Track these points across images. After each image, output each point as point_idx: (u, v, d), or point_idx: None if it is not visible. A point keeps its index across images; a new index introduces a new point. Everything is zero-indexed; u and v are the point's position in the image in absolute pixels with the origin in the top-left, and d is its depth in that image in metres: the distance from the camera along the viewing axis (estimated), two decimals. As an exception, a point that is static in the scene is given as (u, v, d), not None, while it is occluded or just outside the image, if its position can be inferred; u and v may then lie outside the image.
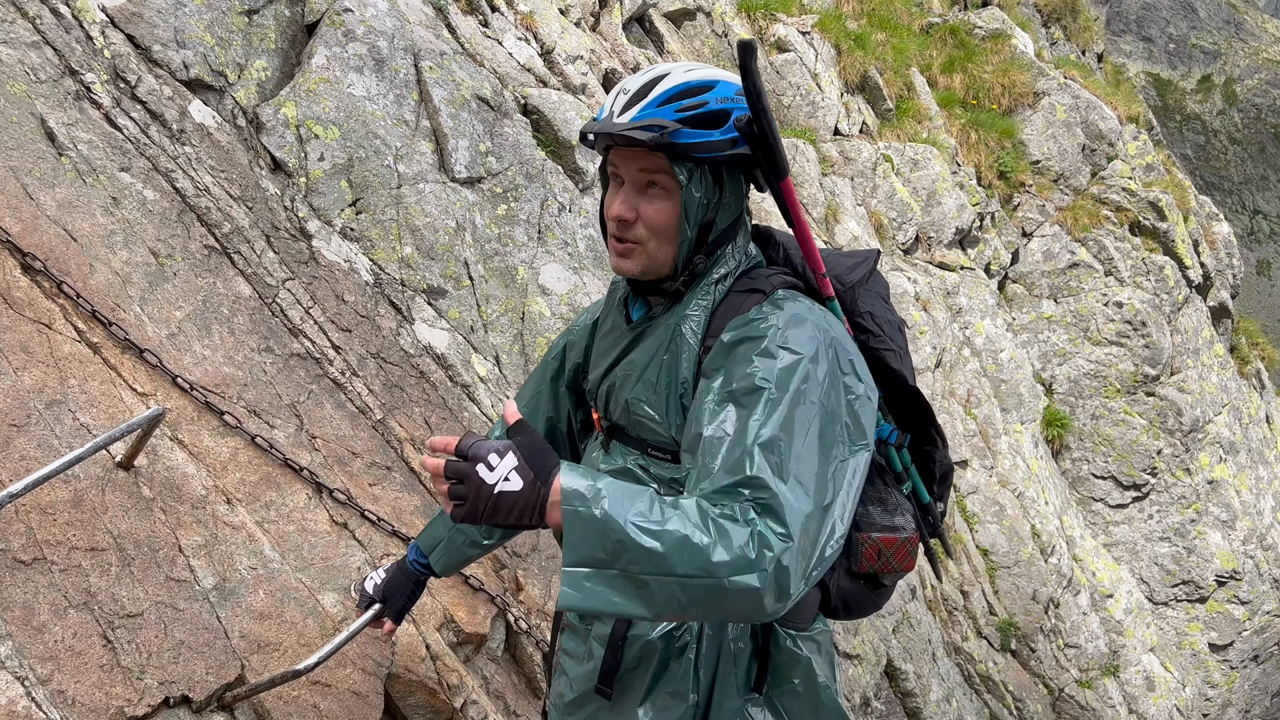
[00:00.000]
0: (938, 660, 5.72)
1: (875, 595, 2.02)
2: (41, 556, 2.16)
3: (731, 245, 1.81)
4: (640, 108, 1.69)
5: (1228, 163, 36.63)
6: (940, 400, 6.98)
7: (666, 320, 1.81)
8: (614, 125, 1.68)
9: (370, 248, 3.65)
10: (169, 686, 2.18)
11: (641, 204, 1.74)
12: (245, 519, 2.64)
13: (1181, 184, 9.91)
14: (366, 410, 3.23)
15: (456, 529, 2.25)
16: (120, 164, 3.08)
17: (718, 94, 1.70)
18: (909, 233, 7.68)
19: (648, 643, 1.83)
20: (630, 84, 1.73)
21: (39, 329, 2.54)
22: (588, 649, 1.93)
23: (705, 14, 7.47)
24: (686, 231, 1.74)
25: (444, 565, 2.30)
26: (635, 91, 1.70)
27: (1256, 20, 39.33)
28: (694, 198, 1.71)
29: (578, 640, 1.97)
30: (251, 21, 3.75)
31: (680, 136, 1.66)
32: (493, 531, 2.26)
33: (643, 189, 1.74)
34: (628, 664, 1.85)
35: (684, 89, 1.69)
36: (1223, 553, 8.29)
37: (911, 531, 1.94)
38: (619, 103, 1.71)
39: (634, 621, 1.83)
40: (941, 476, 2.06)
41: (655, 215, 1.73)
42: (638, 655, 1.85)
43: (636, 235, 1.75)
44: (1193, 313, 8.85)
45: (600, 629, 1.90)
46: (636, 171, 1.73)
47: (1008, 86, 9.22)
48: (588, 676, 1.90)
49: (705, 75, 1.72)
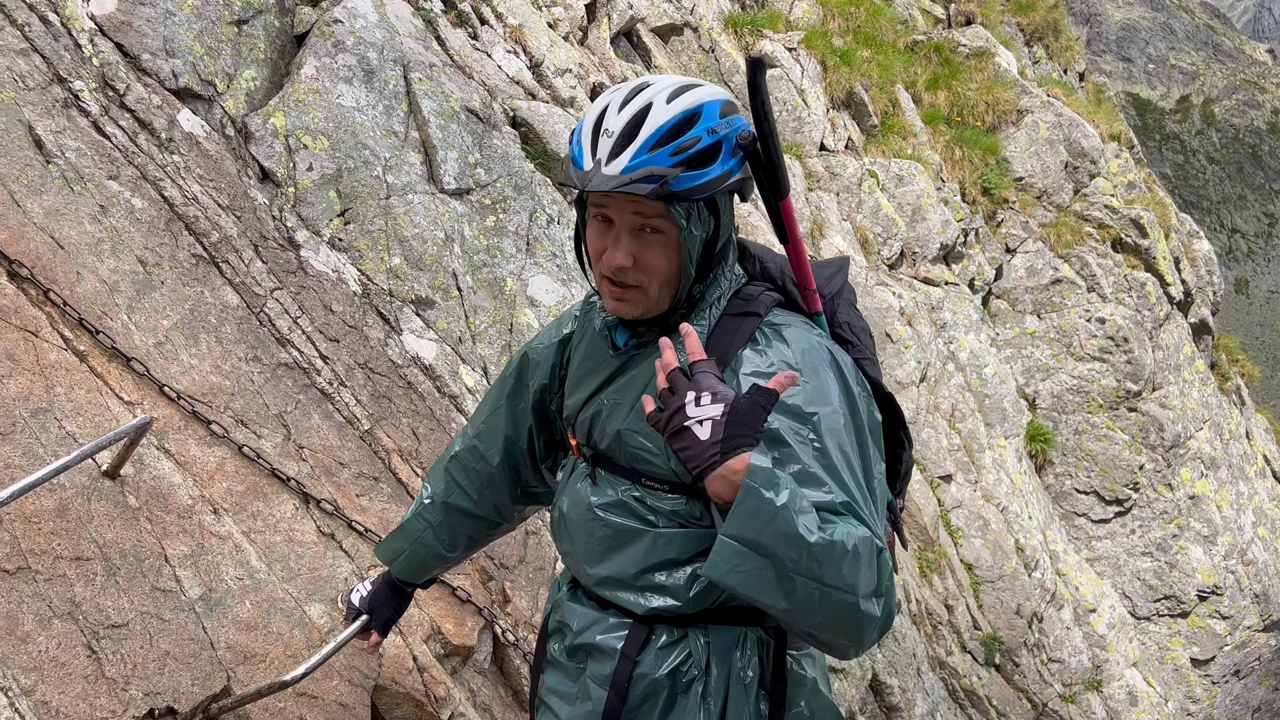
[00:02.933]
0: (922, 675, 5.72)
1: None
2: (26, 566, 2.14)
3: (724, 266, 1.76)
4: (632, 154, 1.57)
5: (1206, 182, 37.02)
6: (924, 415, 7.01)
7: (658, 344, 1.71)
8: (607, 179, 1.57)
9: (359, 258, 3.64)
10: (154, 698, 2.16)
11: (639, 250, 1.65)
12: (232, 529, 2.63)
13: (1163, 202, 10.02)
14: (354, 421, 3.22)
15: (418, 542, 2.18)
16: (108, 172, 3.07)
17: (706, 123, 1.60)
18: (894, 248, 7.72)
19: (654, 681, 1.76)
20: (612, 121, 1.60)
21: (25, 336, 2.52)
22: (581, 689, 1.84)
23: (693, 29, 7.51)
24: (690, 271, 1.68)
25: (409, 574, 2.25)
26: (621, 133, 1.59)
27: (1234, 41, 39.85)
28: (694, 236, 1.65)
29: (567, 680, 1.89)
30: (241, 31, 3.74)
31: (679, 183, 1.57)
32: (455, 544, 2.19)
33: (637, 232, 1.65)
34: (632, 704, 1.77)
35: (673, 126, 1.58)
36: (1204, 568, 8.35)
37: (889, 535, 1.91)
38: (605, 147, 1.59)
39: (639, 661, 1.77)
40: (904, 473, 2.03)
41: (656, 262, 1.66)
42: (644, 694, 1.77)
43: (636, 280, 1.66)
44: (1174, 329, 8.93)
45: (596, 668, 1.82)
46: (630, 215, 1.64)
47: (991, 104, 9.30)
48: (585, 718, 1.81)
49: (688, 101, 1.61)
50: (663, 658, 1.76)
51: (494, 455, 2.09)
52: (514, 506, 2.18)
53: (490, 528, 2.22)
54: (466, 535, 2.20)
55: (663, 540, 1.73)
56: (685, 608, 1.75)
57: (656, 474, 1.73)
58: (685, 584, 1.73)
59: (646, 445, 1.73)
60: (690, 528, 1.72)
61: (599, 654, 1.82)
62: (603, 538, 1.80)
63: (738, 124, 1.64)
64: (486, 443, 2.10)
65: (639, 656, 1.77)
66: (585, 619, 1.86)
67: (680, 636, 1.77)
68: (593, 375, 1.85)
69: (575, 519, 1.86)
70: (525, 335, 3.93)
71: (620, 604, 1.81)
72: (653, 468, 1.73)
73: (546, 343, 2.02)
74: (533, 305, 4.02)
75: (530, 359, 2.04)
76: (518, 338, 3.92)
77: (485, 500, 2.15)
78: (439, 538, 2.17)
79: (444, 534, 2.17)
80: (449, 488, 2.16)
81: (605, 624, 1.82)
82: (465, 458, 2.14)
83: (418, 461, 3.30)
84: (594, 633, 1.83)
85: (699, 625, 1.77)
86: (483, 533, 2.22)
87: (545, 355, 2.01)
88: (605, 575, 1.81)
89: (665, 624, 1.78)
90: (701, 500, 1.69)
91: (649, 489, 1.75)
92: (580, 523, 1.84)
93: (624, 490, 1.77)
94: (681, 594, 1.74)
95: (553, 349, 2.00)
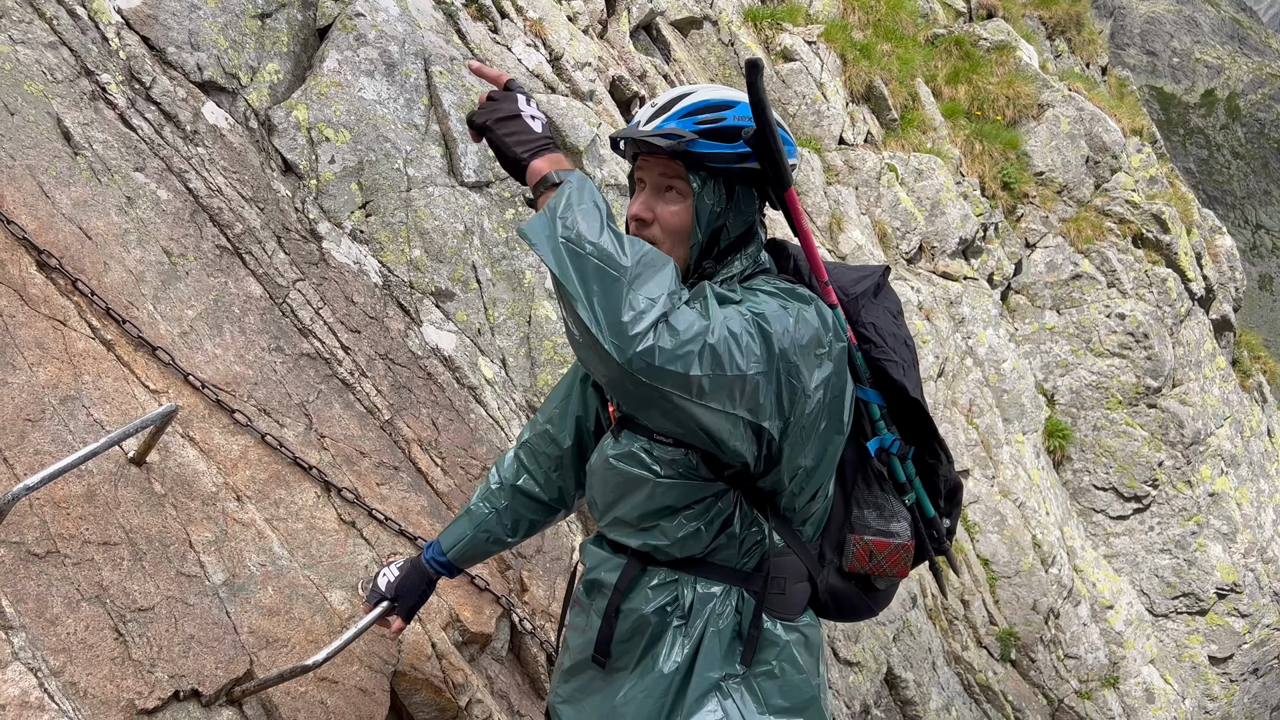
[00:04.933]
0: (938, 669, 5.73)
1: (870, 599, 2.10)
2: (55, 550, 2.19)
3: (742, 252, 1.93)
4: (664, 118, 1.87)
5: (1230, 177, 36.66)
6: (942, 410, 7.00)
7: None
8: (638, 131, 1.88)
9: (379, 250, 3.68)
10: (179, 680, 2.20)
11: (658, 206, 1.90)
12: (255, 516, 2.67)
13: (1184, 197, 9.95)
14: (375, 411, 3.26)
15: (482, 527, 2.35)
16: (135, 164, 3.11)
17: (736, 113, 1.85)
18: (912, 242, 7.71)
19: (641, 616, 1.98)
20: (660, 99, 1.91)
21: (54, 325, 2.56)
22: (587, 620, 2.08)
23: (712, 23, 7.51)
24: (698, 235, 1.89)
25: (463, 559, 2.40)
26: (662, 105, 1.89)
27: (1260, 35, 39.41)
28: (705, 204, 1.87)
29: (581, 614, 2.12)
30: (264, 25, 3.78)
31: (696, 146, 1.82)
32: (518, 529, 2.36)
33: (660, 192, 1.90)
34: (621, 635, 2.00)
35: (705, 105, 1.86)
36: (1223, 565, 8.30)
37: (907, 539, 2.02)
38: (646, 113, 1.90)
39: (627, 595, 1.99)
40: (949, 493, 2.14)
41: (670, 217, 1.89)
42: (631, 628, 1.99)
43: (653, 235, 1.90)
44: (1195, 325, 8.87)
45: (599, 601, 2.05)
46: (657, 175, 1.90)
47: (1012, 98, 9.25)
48: (585, 646, 2.06)
49: (728, 96, 1.88)
50: (652, 596, 1.98)
51: (565, 438, 2.28)
52: (576, 490, 2.35)
53: (550, 513, 2.39)
54: (529, 520, 2.38)
55: (661, 489, 1.93)
56: (674, 549, 1.96)
57: (664, 429, 1.89)
58: (675, 528, 1.94)
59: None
60: (687, 479, 1.91)
61: (602, 588, 2.05)
62: (615, 485, 2.00)
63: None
64: (558, 426, 2.28)
65: (630, 592, 2.00)
66: (597, 558, 2.10)
67: (672, 580, 1.98)
68: None
69: (596, 469, 2.07)
70: (544, 328, 3.96)
71: (622, 542, 2.04)
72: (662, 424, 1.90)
73: None
74: (551, 298, 4.05)
75: None
76: (536, 330, 3.94)
77: (552, 484, 2.33)
78: (502, 521, 2.35)
79: (508, 518, 2.35)
80: (518, 471, 2.35)
81: (611, 562, 2.06)
82: (536, 443, 2.33)
83: (437, 451, 3.34)
84: (601, 570, 2.07)
85: (689, 574, 1.97)
86: (544, 517, 2.40)
87: None
88: (614, 517, 2.04)
89: (660, 566, 1.99)
90: (698, 454, 1.88)
91: (658, 442, 1.93)
92: (599, 472, 2.05)
93: (639, 445, 1.96)
94: (671, 535, 1.95)
95: None
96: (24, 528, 2.16)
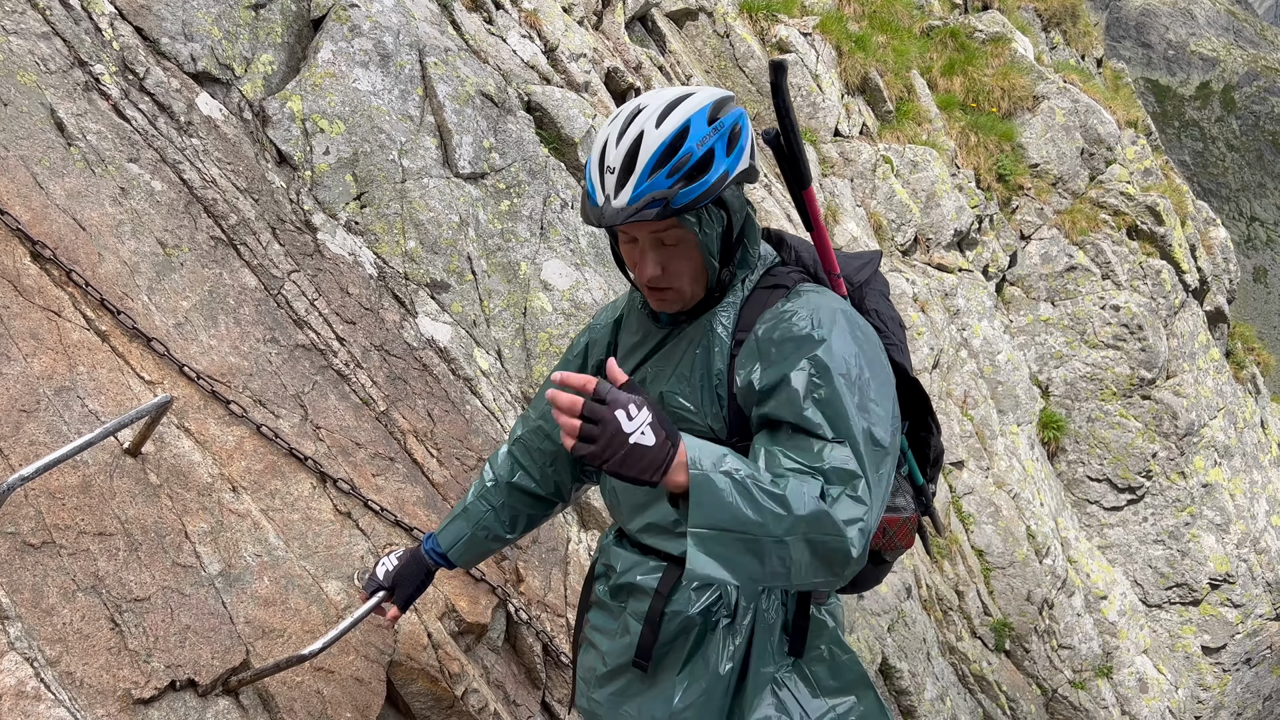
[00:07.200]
0: (932, 659, 5.75)
1: (876, 571, 2.15)
2: (50, 540, 2.19)
3: (747, 245, 1.91)
4: (633, 185, 1.72)
5: (1225, 169, 36.69)
6: (937, 401, 7.01)
7: (698, 319, 1.92)
8: (618, 212, 1.73)
9: (374, 241, 3.68)
10: (175, 670, 2.20)
11: (665, 259, 1.83)
12: (250, 507, 2.67)
13: (1179, 189, 9.96)
14: (370, 402, 3.26)
15: (480, 525, 2.31)
16: (129, 155, 3.11)
17: (695, 137, 1.72)
18: (908, 234, 7.71)
19: (687, 618, 1.96)
20: (611, 157, 1.74)
21: (48, 316, 2.56)
22: (621, 625, 2.06)
23: (707, 14, 7.50)
24: (714, 264, 1.85)
25: (464, 560, 2.38)
26: (621, 167, 1.73)
27: (1255, 27, 39.40)
28: (710, 235, 1.81)
29: (610, 617, 2.11)
30: (258, 16, 3.77)
31: (681, 199, 1.72)
32: (516, 525, 2.34)
33: (659, 245, 1.82)
34: (665, 638, 1.98)
35: (665, 149, 1.71)
36: (1216, 556, 8.33)
37: (912, 511, 2.07)
38: (610, 184, 1.74)
39: (671, 599, 1.97)
40: (934, 460, 2.18)
41: (682, 266, 1.84)
42: (676, 630, 1.97)
43: (671, 283, 1.85)
44: (1189, 317, 8.89)
45: (636, 605, 2.03)
46: (648, 234, 1.81)
47: (1007, 90, 9.25)
48: (623, 650, 2.04)
49: (675, 121, 1.72)
50: (696, 597, 1.96)
51: (559, 433, 2.21)
52: (573, 484, 2.33)
53: (548, 508, 2.37)
54: (527, 515, 2.35)
55: None
56: None
57: (694, 430, 1.86)
58: None
59: (685, 405, 1.89)
60: None
61: (638, 593, 2.03)
62: (645, 490, 1.93)
63: (726, 123, 1.76)
64: (551, 422, 2.25)
65: (673, 595, 1.97)
66: (628, 562, 2.08)
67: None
68: (640, 347, 2.04)
69: None
70: (539, 319, 3.96)
71: (658, 548, 2.02)
72: (691, 425, 1.88)
73: (604, 323, 2.22)
74: (546, 289, 4.05)
75: (591, 338, 2.23)
76: (531, 321, 3.95)
77: (548, 479, 2.31)
78: (500, 519, 2.32)
79: (506, 515, 2.33)
80: (513, 468, 2.32)
81: (645, 566, 2.04)
82: (529, 439, 2.31)
83: (432, 442, 3.34)
84: (635, 574, 2.05)
85: None
86: (542, 512, 2.37)
87: (602, 334, 2.21)
88: (647, 523, 2.02)
89: None
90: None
91: None
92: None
93: None
94: None
95: (608, 328, 2.20)
96: (19, 518, 2.16)
